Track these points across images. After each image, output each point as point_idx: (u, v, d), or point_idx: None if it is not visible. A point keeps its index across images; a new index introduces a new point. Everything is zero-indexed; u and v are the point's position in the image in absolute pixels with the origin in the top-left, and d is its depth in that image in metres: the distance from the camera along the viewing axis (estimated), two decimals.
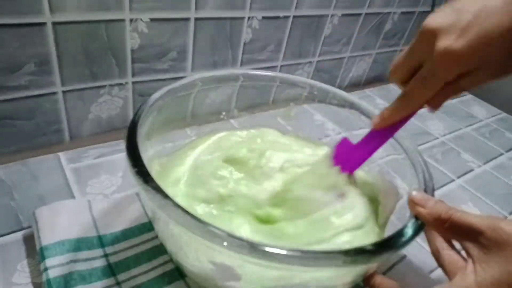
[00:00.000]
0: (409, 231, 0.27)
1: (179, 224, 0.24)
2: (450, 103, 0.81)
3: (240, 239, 0.23)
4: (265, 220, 0.35)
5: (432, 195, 0.31)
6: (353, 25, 0.70)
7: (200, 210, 0.35)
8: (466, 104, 0.82)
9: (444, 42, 0.26)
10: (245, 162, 0.39)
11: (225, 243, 0.23)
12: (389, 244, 0.26)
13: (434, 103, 0.31)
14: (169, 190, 0.26)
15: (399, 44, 0.83)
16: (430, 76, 0.28)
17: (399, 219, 0.32)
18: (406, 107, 0.32)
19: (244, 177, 0.38)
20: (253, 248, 0.23)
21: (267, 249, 0.22)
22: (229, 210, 0.35)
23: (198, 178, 0.37)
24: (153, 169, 0.34)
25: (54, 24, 0.41)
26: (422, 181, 0.33)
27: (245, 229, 0.33)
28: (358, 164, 0.36)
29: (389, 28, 0.78)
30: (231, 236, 0.23)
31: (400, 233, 0.27)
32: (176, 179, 0.37)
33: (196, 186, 0.36)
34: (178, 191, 0.36)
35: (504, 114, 0.81)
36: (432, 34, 0.27)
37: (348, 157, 0.36)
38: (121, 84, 0.49)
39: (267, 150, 0.40)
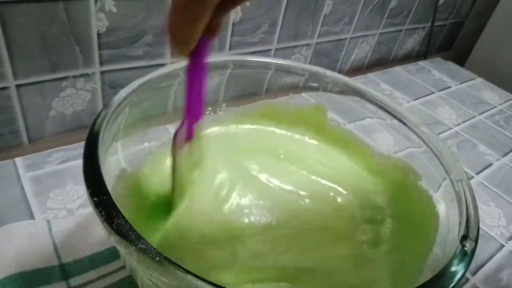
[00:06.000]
0: (459, 268, 0.20)
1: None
2: (460, 87, 0.74)
3: None
4: None
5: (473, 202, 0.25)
6: (355, 2, 0.63)
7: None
8: (476, 88, 0.76)
9: None
10: None
11: None
12: None
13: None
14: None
15: (404, 23, 0.76)
16: None
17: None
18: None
19: None
20: None
21: None
22: None
23: None
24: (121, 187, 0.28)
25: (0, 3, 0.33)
26: (456, 181, 0.27)
27: None
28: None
29: (395, 6, 0.71)
30: None
31: (445, 274, 0.20)
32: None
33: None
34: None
35: None
36: None
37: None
38: (87, 74, 0.42)
39: None
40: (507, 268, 0.40)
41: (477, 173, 0.52)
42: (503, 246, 0.42)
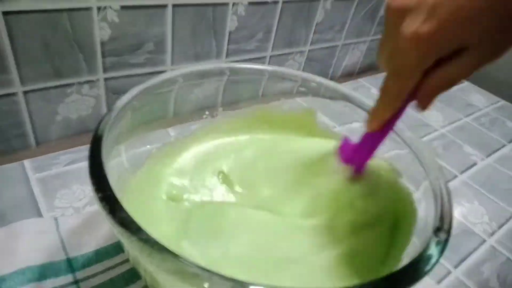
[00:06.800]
0: (433, 253, 0.23)
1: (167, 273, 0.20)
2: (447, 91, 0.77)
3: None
4: None
5: (448, 199, 0.27)
6: (347, 9, 0.65)
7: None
8: (465, 91, 0.79)
9: (411, 26, 0.22)
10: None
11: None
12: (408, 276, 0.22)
13: (422, 99, 0.26)
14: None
15: None
16: (401, 67, 0.24)
17: None
18: (388, 105, 0.27)
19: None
20: None
21: None
22: None
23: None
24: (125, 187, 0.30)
25: (5, 14, 0.35)
26: (434, 180, 0.29)
27: None
28: (361, 165, 0.33)
29: None
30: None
31: (421, 259, 0.23)
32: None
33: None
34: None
35: (503, 102, 0.78)
36: (398, 16, 0.23)
37: (352, 157, 0.33)
38: (91, 81, 0.44)
39: None
40: (489, 261, 0.42)
41: (461, 172, 0.54)
42: (485, 241, 0.44)
